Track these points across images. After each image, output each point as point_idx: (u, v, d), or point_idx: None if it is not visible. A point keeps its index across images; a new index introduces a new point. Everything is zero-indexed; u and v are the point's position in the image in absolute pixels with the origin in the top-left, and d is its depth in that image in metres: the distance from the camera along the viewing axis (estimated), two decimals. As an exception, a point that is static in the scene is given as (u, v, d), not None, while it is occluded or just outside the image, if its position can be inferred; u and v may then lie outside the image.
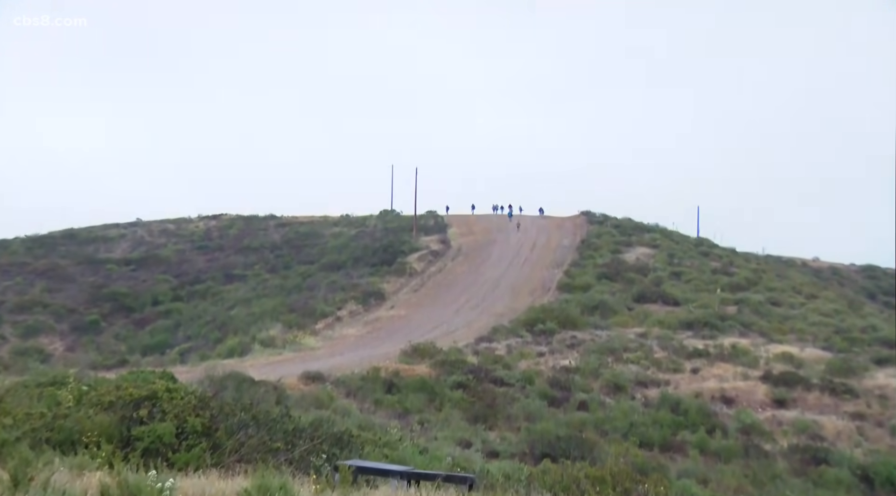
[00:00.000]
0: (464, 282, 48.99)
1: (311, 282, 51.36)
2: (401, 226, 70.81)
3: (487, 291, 45.78)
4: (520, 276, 49.86)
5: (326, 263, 56.94)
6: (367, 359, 26.92)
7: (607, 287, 44.54)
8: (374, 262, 54.40)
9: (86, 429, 9.06)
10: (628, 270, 49.82)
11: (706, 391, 24.56)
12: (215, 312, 46.45)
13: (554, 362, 27.63)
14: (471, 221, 74.29)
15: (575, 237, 64.50)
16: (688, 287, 46.24)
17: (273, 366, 26.37)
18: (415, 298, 45.60)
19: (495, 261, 54.99)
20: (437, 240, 63.12)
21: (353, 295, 44.48)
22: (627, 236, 63.55)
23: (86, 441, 8.85)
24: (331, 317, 40.12)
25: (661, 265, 52.64)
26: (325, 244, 65.74)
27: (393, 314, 41.33)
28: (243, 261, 61.55)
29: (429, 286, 48.69)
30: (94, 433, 8.96)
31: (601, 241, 61.12)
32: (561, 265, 52.98)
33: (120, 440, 9.08)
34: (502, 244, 61.85)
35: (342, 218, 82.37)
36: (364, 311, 42.26)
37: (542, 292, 45.26)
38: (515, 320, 35.50)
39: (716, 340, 31.48)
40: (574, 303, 39.20)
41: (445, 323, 37.71)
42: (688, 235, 71.74)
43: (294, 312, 41.20)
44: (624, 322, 36.15)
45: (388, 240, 62.56)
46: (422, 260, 55.41)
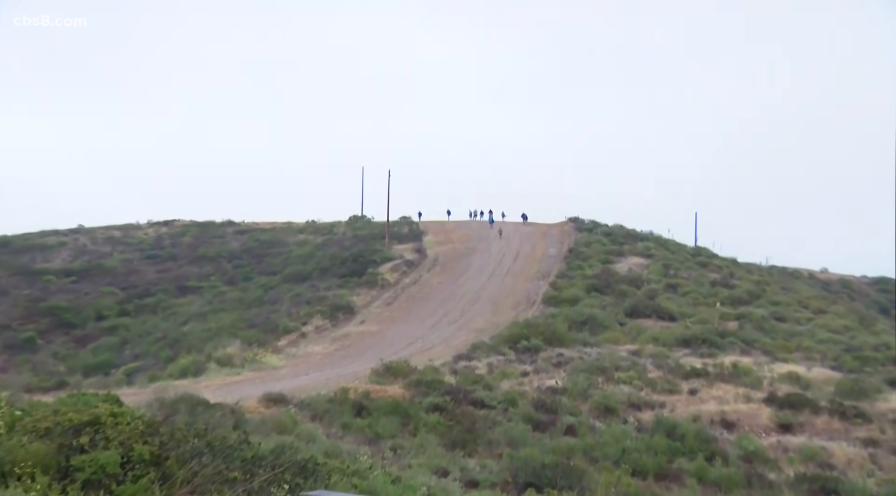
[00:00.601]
0: (441, 294, 49.08)
1: (273, 295, 51.13)
2: (372, 233, 70.86)
3: (467, 305, 45.86)
4: (502, 289, 50.01)
5: (290, 274, 56.75)
6: (335, 379, 26.78)
7: (597, 300, 44.77)
8: (342, 273, 54.41)
9: (19, 458, 8.89)
10: (620, 282, 50.13)
11: (705, 414, 24.66)
12: (166, 328, 46.08)
13: (539, 382, 27.63)
14: (448, 228, 74.43)
15: (562, 246, 64.86)
16: (685, 300, 46.61)
17: (231, 388, 26.14)
18: (387, 312, 45.58)
19: (475, 272, 55.15)
20: (411, 248, 63.23)
21: (320, 309, 44.38)
22: (619, 245, 64.03)
23: (19, 472, 8.68)
24: (295, 334, 39.98)
25: (655, 276, 53.05)
26: (289, 253, 65.58)
27: (363, 330, 41.28)
28: (198, 272, 61.20)
29: (403, 299, 48.72)
30: (29, 463, 8.79)
31: (590, 250, 61.51)
32: (547, 276, 53.25)
33: (58, 471, 8.93)
34: (483, 253, 62.05)
35: (308, 224, 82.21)
36: (332, 327, 42.19)
37: (527, 306, 45.42)
38: (497, 336, 35.54)
39: (715, 359, 31.65)
40: (561, 317, 39.32)
41: (421, 339, 37.70)
42: (685, 244, 72.49)
43: (254, 328, 41.00)
44: (615, 338, 36.27)
45: (358, 248, 62.56)
46: (395, 270, 55.47)
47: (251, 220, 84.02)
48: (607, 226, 74.28)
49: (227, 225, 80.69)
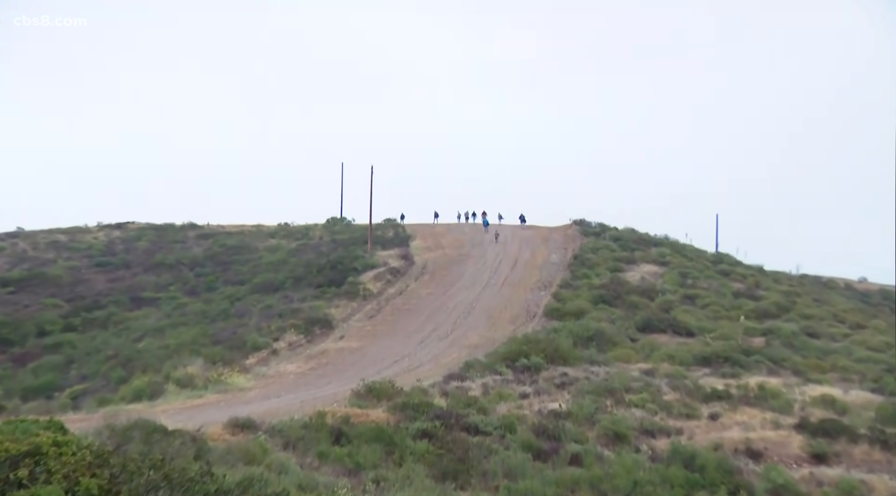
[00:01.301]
0: (430, 306, 49.17)
1: (240, 307, 51.02)
2: (352, 237, 70.99)
3: (459, 318, 45.92)
4: (499, 300, 50.11)
5: (260, 283, 56.69)
6: (311, 402, 26.70)
7: (605, 313, 44.89)
8: (319, 282, 54.48)
9: (-53, 494, 8.81)
10: (631, 293, 50.30)
11: (727, 442, 24.64)
12: (119, 345, 45.78)
13: (540, 405, 27.59)
14: (438, 232, 74.58)
15: (566, 252, 65.07)
16: (704, 313, 46.78)
17: (192, 412, 26.01)
18: (370, 326, 45.65)
19: (469, 282, 55.25)
20: (397, 254, 63.36)
21: (294, 322, 44.38)
22: (630, 251, 64.28)
23: (-53, 510, 8.61)
24: (265, 351, 39.95)
25: (671, 286, 53.25)
26: (259, 260, 65.48)
27: (343, 346, 41.29)
28: (155, 281, 60.96)
29: (387, 312, 48.80)
30: (-42, 499, 8.72)
31: (598, 256, 61.76)
32: (549, 286, 53.43)
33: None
34: (477, 260, 62.23)
35: (280, 227, 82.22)
36: (307, 343, 42.20)
37: (526, 319, 45.54)
38: (493, 354, 35.53)
39: (739, 379, 31.70)
40: (565, 332, 39.32)
41: (407, 357, 37.71)
42: (704, 250, 72.85)
43: (219, 344, 40.87)
44: (626, 356, 36.33)
45: (337, 255, 62.62)
46: (378, 279, 55.59)
47: (216, 223, 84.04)
48: (617, 229, 74.56)
49: (189, 228, 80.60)
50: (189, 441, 18.50)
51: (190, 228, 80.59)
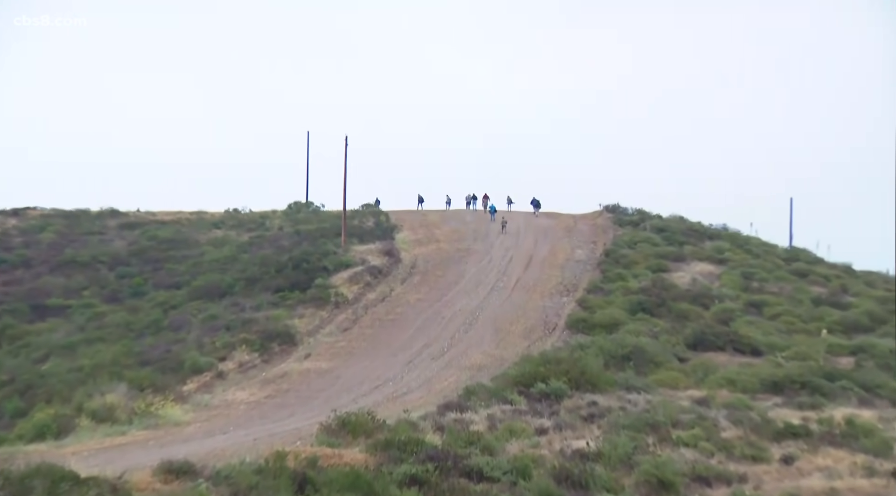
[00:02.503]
0: (421, 316, 49.18)
1: (176, 318, 50.90)
2: (321, 228, 71.00)
3: (458, 331, 45.89)
4: (509, 308, 50.09)
5: (201, 287, 56.53)
6: (267, 440, 26.58)
7: (646, 325, 44.77)
8: (278, 285, 54.47)
9: None
10: (679, 299, 50.20)
11: (806, 493, 24.54)
12: (15, 367, 45.52)
13: (562, 444, 27.42)
14: (431, 222, 74.66)
15: (594, 246, 65.16)
16: (774, 326, 46.68)
17: (112, 454, 25.86)
18: (344, 342, 45.63)
19: (470, 284, 55.29)
20: (378, 250, 63.33)
21: (246, 337, 44.30)
22: (678, 245, 64.34)
23: None
24: (208, 374, 39.87)
25: (731, 291, 53.17)
26: (200, 256, 65.32)
27: (309, 367, 41.28)
28: (64, 285, 60.69)
29: (366, 323, 48.80)
30: None
31: (636, 252, 61.86)
32: (573, 290, 53.51)
33: None
34: (481, 257, 62.39)
35: (228, 215, 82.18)
36: (262, 363, 42.21)
37: (544, 333, 45.58)
38: (502, 377, 35.31)
39: (821, 412, 31.51)
40: (594, 349, 39.16)
41: (392, 381, 37.63)
42: (774, 244, 72.87)
43: (148, 366, 40.67)
44: (673, 380, 36.19)
45: (302, 250, 62.53)
46: (355, 281, 55.63)
47: (144, 210, 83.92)
48: (660, 217, 74.56)
49: (109, 216, 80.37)
50: (108, 492, 18.34)
51: (110, 216, 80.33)
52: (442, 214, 79.80)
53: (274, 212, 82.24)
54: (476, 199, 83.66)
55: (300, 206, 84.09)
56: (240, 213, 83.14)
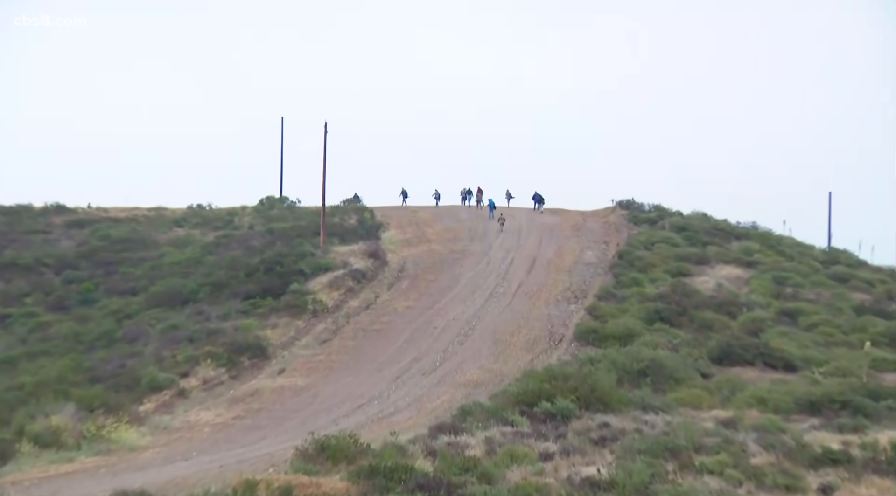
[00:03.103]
0: (410, 326, 49.13)
1: (131, 329, 50.72)
2: (297, 226, 70.90)
3: (452, 343, 45.87)
4: (509, 317, 50.01)
5: (161, 293, 56.33)
6: (235, 467, 26.43)
7: (665, 336, 44.65)
8: (248, 292, 54.38)
9: None
10: (702, 306, 50.13)
11: (845, 525, 24.58)
12: (-52, 385, 45.47)
13: (570, 470, 27.42)
14: (422, 219, 74.59)
15: (606, 247, 65.20)
16: (810, 337, 46.51)
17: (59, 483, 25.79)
18: (323, 355, 45.57)
19: (466, 290, 55.26)
20: (362, 251, 63.26)
21: (211, 350, 44.19)
22: (701, 246, 64.33)
23: None
24: (168, 392, 39.75)
25: (761, 298, 53.08)
26: (160, 259, 65.09)
27: (283, 384, 41.20)
28: (3, 290, 60.44)
29: (348, 334, 48.73)
30: None
31: (653, 253, 61.83)
32: (582, 297, 53.52)
33: None
34: (478, 259, 62.33)
35: (191, 212, 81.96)
36: (230, 380, 42.13)
37: (549, 345, 45.52)
38: (501, 395, 35.24)
39: (864, 435, 31.48)
40: (606, 364, 39.13)
41: (377, 399, 37.62)
42: (811, 245, 72.53)
43: (99, 383, 40.51)
44: (695, 399, 36.13)
45: (276, 251, 62.45)
46: (335, 287, 55.63)
47: (95, 206, 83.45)
48: (681, 215, 74.44)
49: (54, 212, 79.81)
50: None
51: (56, 212, 79.74)
52: (434, 211, 79.62)
53: (243, 208, 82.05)
54: (471, 194, 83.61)
55: (273, 201, 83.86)
56: (204, 209, 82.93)
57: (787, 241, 70.93)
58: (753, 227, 73.66)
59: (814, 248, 71.35)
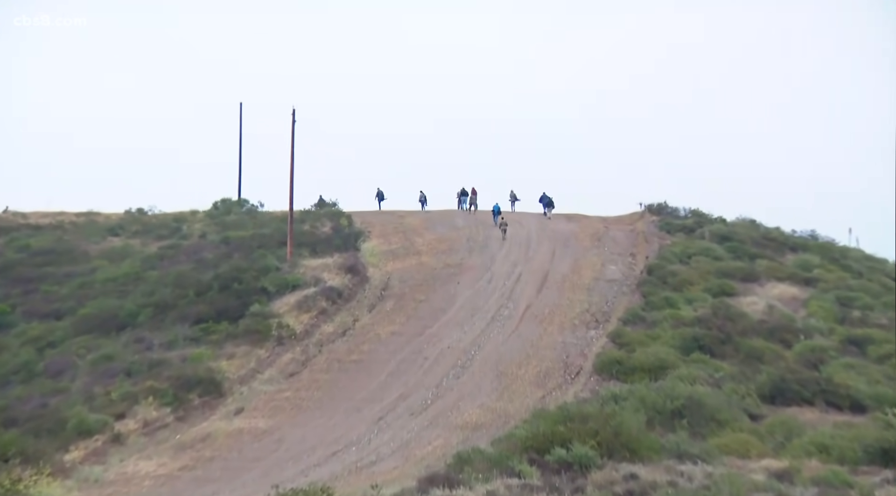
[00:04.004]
0: (396, 356, 49.06)
1: (56, 360, 50.56)
2: (259, 235, 70.97)
3: (447, 377, 45.77)
4: (516, 345, 49.90)
5: (92, 317, 56.22)
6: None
7: (705, 369, 44.44)
8: (199, 315, 54.28)
9: None
10: (750, 333, 49.93)
11: None
12: None
13: (591, 534, 27.53)
14: (410, 227, 74.66)
15: (633, 260, 65.38)
16: (882, 371, 46.30)
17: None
18: (290, 392, 45.44)
19: (464, 313, 55.27)
20: (338, 265, 63.31)
21: (154, 385, 44.12)
22: (748, 259, 64.43)
23: None
24: (101, 436, 39.68)
25: (822, 323, 52.86)
26: (91, 274, 65.00)
27: (242, 427, 41.16)
28: None
29: (320, 365, 48.69)
30: None
31: (691, 268, 61.85)
32: (603, 321, 53.50)
33: None
34: (478, 275, 62.42)
35: (129, 217, 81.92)
36: (177, 422, 42.05)
37: (564, 379, 45.44)
38: (506, 440, 35.22)
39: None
40: (633, 402, 39.05)
41: (356, 445, 37.56)
42: (883, 259, 72.14)
43: (15, 427, 40.36)
44: (742, 445, 36.04)
45: (232, 265, 62.47)
46: (306, 309, 55.63)
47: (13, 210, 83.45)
48: (724, 221, 74.37)
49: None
50: None
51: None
52: (424, 217, 79.54)
53: (194, 213, 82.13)
54: (467, 196, 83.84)
55: (230, 205, 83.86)
56: (146, 214, 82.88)
57: (854, 253, 70.90)
58: (812, 237, 73.57)
59: (886, 263, 71.00)
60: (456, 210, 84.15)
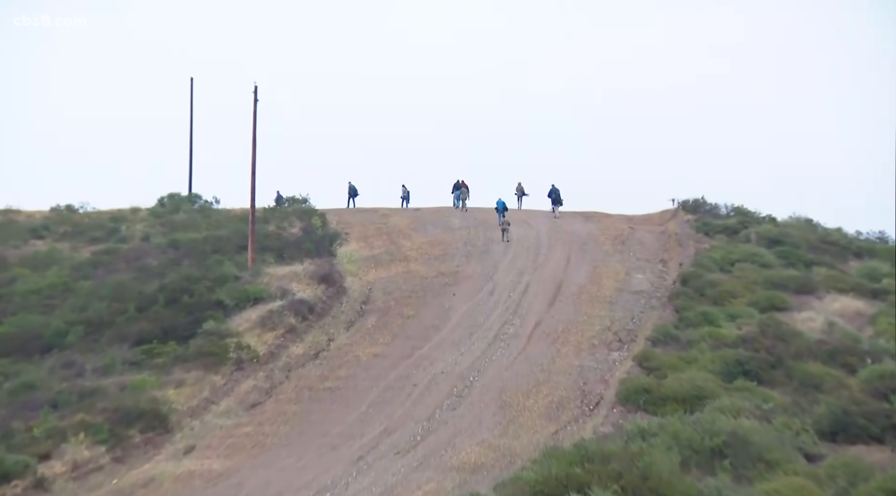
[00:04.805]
0: (379, 383, 48.97)
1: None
2: (214, 238, 71.38)
3: (440, 408, 45.70)
4: (522, 370, 49.85)
5: (10, 337, 56.09)
6: None
7: (751, 399, 44.31)
8: (141, 334, 54.27)
9: None
10: (806, 356, 49.81)
11: None
12: None
13: None
14: (396, 227, 75.28)
15: (664, 267, 65.84)
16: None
17: None
18: (251, 426, 45.26)
19: (459, 331, 55.45)
20: (309, 274, 63.64)
21: (86, 419, 43.92)
22: (804, 267, 64.55)
23: None
24: (21, 481, 39.41)
25: (892, 344, 52.62)
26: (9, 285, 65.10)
27: (193, 469, 40.99)
28: None
29: (288, 395, 48.59)
30: None
31: (734, 278, 62.12)
32: (628, 341, 53.61)
33: None
34: (477, 285, 62.88)
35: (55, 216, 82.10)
36: (114, 463, 41.83)
37: (581, 411, 45.31)
38: (511, 484, 35.15)
39: None
40: (664, 439, 38.89)
41: (330, 491, 37.60)
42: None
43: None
44: (796, 492, 35.87)
45: (182, 274, 62.63)
46: (270, 326, 55.76)
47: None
48: (773, 221, 74.47)
49: None
50: None
51: None
52: (413, 216, 79.67)
53: (135, 211, 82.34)
54: (459, 188, 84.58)
55: (179, 201, 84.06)
56: (76, 212, 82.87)
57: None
58: (881, 240, 73.39)
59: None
60: (451, 208, 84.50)
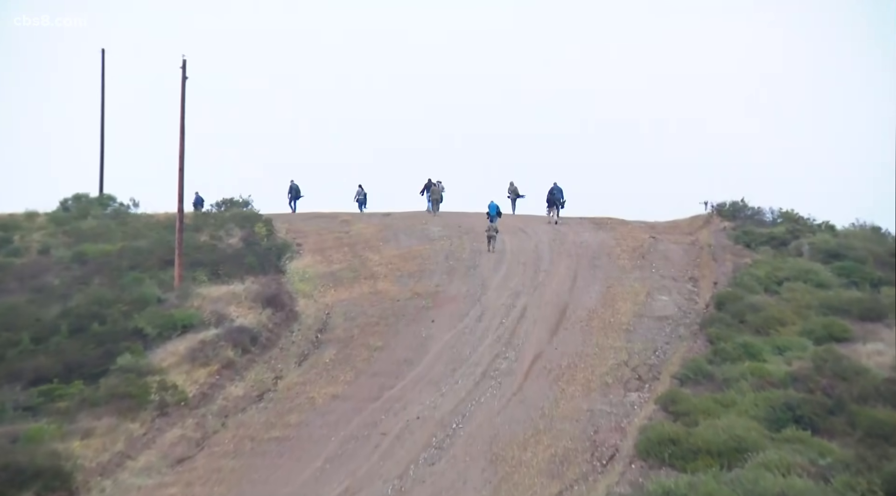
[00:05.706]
0: (338, 431, 48.57)
1: None
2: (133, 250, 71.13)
3: (415, 463, 45.19)
4: (517, 415, 49.66)
5: None
6: None
7: (804, 452, 43.87)
8: (39, 371, 53.63)
9: None
10: (873, 399, 49.29)
11: None
12: None
13: None
14: (360, 237, 75.46)
15: (695, 287, 66.01)
16: None
17: None
18: (179, 487, 44.51)
19: (440, 367, 55.23)
20: (252, 295, 63.40)
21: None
22: (869, 288, 63.96)
23: None
24: None
25: (980, 383, 52.33)
26: None
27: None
28: None
29: (225, 447, 48.06)
30: None
31: (782, 300, 61.93)
32: (650, 379, 53.45)
33: None
34: (461, 309, 62.93)
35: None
36: (2, 538, 41.16)
37: (591, 466, 44.95)
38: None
39: None
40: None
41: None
42: None
43: None
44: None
45: (91, 295, 62.38)
46: (203, 360, 55.37)
47: None
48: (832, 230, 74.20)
49: None
50: None
51: None
52: (382, 223, 79.47)
53: (31, 216, 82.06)
54: (429, 189, 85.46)
55: (87, 203, 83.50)
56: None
57: None
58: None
59: None
60: (426, 213, 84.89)
